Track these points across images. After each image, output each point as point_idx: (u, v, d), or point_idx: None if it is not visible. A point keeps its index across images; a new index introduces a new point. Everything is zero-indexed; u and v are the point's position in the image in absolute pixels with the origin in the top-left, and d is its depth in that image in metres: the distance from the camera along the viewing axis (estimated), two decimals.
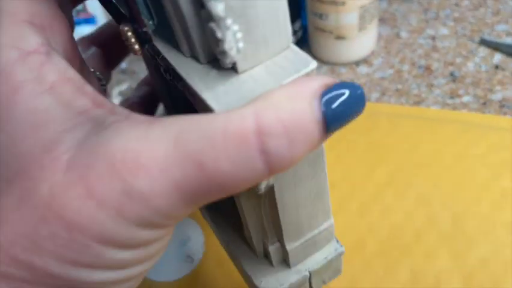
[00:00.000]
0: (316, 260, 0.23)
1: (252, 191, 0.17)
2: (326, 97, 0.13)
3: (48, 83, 0.15)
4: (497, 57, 0.45)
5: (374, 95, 0.43)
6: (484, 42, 0.47)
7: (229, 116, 0.13)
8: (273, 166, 0.13)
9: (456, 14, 0.51)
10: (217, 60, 0.15)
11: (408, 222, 0.31)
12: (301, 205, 0.20)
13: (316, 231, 0.22)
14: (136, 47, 0.17)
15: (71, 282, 0.14)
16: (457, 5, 0.52)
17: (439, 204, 0.32)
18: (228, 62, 0.14)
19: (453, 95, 0.42)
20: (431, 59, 0.46)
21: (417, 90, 0.43)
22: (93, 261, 0.14)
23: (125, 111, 0.15)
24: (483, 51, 0.46)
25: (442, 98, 0.42)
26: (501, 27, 0.48)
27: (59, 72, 0.15)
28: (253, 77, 0.15)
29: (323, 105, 0.13)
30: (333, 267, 0.24)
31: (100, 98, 0.16)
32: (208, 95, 0.15)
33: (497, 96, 0.41)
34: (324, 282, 0.24)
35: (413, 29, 0.50)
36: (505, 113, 0.39)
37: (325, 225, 0.22)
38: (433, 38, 0.49)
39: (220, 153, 0.13)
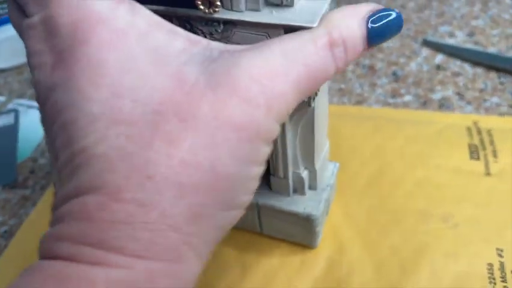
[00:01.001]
0: (328, 176, 0.30)
1: (295, 120, 0.24)
2: (372, 18, 0.19)
3: (145, 29, 0.17)
4: (439, 58, 0.45)
5: None
6: (427, 43, 0.47)
7: (313, 34, 0.18)
8: (338, 66, 0.18)
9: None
10: (269, 6, 0.21)
11: (325, 217, 0.31)
12: (321, 126, 0.27)
13: (325, 150, 0.29)
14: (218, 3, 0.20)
15: (242, 181, 0.17)
16: (402, 6, 0.53)
17: (355, 201, 0.32)
18: (288, 0, 0.20)
19: (395, 94, 0.42)
20: (375, 59, 0.46)
21: (360, 89, 0.43)
22: (256, 156, 0.17)
23: (221, 45, 0.18)
24: (426, 51, 0.46)
25: (384, 97, 0.42)
26: (444, 29, 0.49)
27: (148, 19, 0.17)
28: (301, 5, 0.21)
29: (369, 24, 0.19)
30: (335, 185, 0.31)
31: (193, 36, 0.18)
32: (291, 19, 0.20)
33: (437, 95, 0.41)
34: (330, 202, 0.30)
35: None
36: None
37: (327, 144, 0.29)
38: None
39: (315, 56, 0.18)
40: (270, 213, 0.29)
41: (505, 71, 0.42)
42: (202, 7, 0.20)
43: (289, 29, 0.20)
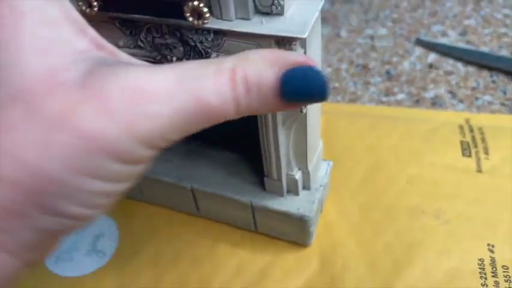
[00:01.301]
0: (321, 176, 0.30)
1: (287, 124, 0.24)
2: (291, 73, 0.17)
3: (52, 18, 0.16)
4: (432, 57, 0.46)
5: None
6: (419, 42, 0.47)
7: (218, 68, 0.17)
8: (239, 109, 0.17)
9: (395, 15, 0.52)
10: (258, 15, 0.20)
11: (319, 215, 0.32)
12: (314, 129, 0.27)
13: (318, 151, 0.29)
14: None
15: (71, 190, 0.15)
16: (396, 6, 0.53)
17: (349, 198, 0.32)
18: (278, 9, 0.20)
19: (388, 92, 0.42)
20: (369, 58, 0.47)
21: (354, 88, 0.43)
22: (98, 171, 0.16)
23: (126, 56, 0.18)
24: (418, 50, 0.47)
25: (377, 96, 0.42)
26: (437, 28, 0.49)
27: (63, 11, 0.17)
28: (291, 13, 0.20)
29: (284, 77, 0.17)
30: (328, 183, 0.31)
31: (101, 41, 0.18)
32: (281, 29, 0.20)
33: (429, 94, 0.42)
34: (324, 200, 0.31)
35: (353, 29, 0.51)
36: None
37: (320, 145, 0.30)
38: (372, 37, 0.49)
39: (212, 92, 0.16)
40: (264, 213, 0.29)
41: (497, 69, 0.43)
42: (191, 19, 0.20)
43: (279, 39, 0.20)
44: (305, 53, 0.22)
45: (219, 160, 0.32)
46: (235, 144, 0.32)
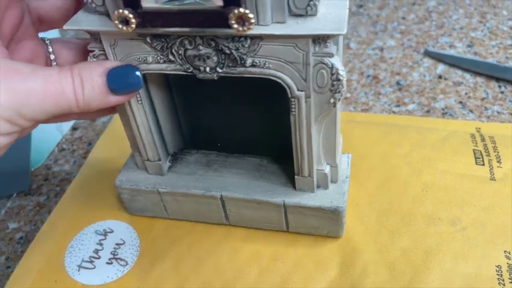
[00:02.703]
0: (344, 168, 0.31)
1: (319, 120, 0.26)
2: (113, 71, 0.24)
3: None
4: (441, 68, 0.47)
5: None
6: (428, 54, 0.49)
7: (60, 67, 0.24)
8: (77, 95, 0.23)
9: (402, 27, 0.53)
10: (292, 17, 0.22)
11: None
12: (339, 123, 0.28)
13: (341, 144, 0.31)
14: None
15: None
16: (403, 18, 0.54)
17: (365, 205, 0.33)
18: (313, 10, 0.21)
19: (399, 103, 0.43)
20: (379, 68, 0.48)
21: (366, 98, 0.44)
22: None
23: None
24: (427, 61, 0.48)
25: (389, 106, 0.43)
26: (444, 40, 0.50)
27: None
28: (322, 12, 0.22)
29: (109, 78, 0.24)
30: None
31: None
32: (319, 28, 0.21)
33: (440, 104, 0.43)
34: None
35: (362, 40, 0.52)
36: None
37: (341, 139, 0.32)
38: (381, 49, 0.50)
39: (56, 76, 0.23)
40: (297, 211, 0.30)
41: (505, 80, 0.44)
42: (235, 26, 0.21)
43: (316, 38, 0.21)
44: (337, 49, 0.23)
45: (241, 166, 0.32)
46: (253, 150, 0.33)
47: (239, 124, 0.32)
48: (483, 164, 0.34)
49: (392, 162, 0.36)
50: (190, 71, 0.25)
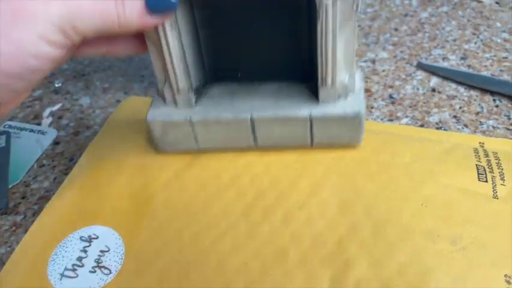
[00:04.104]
0: (359, 79, 0.34)
1: (341, 28, 0.29)
2: None
3: None
4: (434, 81, 0.46)
5: None
6: (421, 66, 0.48)
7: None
8: (119, 11, 0.26)
9: (395, 38, 0.52)
10: None
11: (331, 230, 0.31)
12: (356, 30, 0.31)
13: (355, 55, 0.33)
14: None
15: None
16: (396, 29, 0.53)
17: (362, 213, 0.31)
18: None
19: (392, 117, 0.42)
20: (372, 81, 0.46)
21: None
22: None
23: None
24: (420, 74, 0.47)
25: (382, 120, 0.42)
26: (437, 52, 0.49)
27: None
28: None
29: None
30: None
31: None
32: None
33: (434, 118, 0.41)
34: None
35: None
36: None
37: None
38: (373, 61, 0.49)
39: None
40: (322, 122, 0.33)
41: (499, 94, 0.43)
42: None
43: None
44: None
45: (264, 91, 0.35)
46: (272, 77, 0.35)
47: (259, 48, 0.34)
48: (486, 181, 0.33)
49: (392, 172, 0.34)
50: None
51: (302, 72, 0.35)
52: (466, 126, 0.40)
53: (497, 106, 0.42)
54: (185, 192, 0.34)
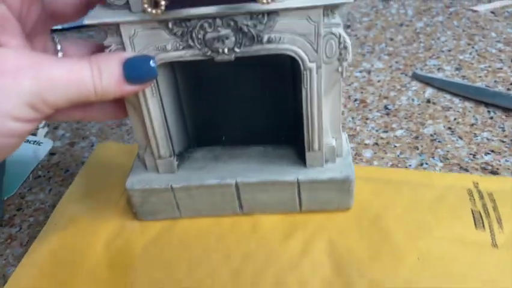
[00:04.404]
0: (345, 143, 0.33)
1: (326, 93, 0.29)
2: (129, 61, 0.26)
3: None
4: (429, 92, 0.46)
5: None
6: (416, 77, 0.48)
7: (79, 58, 0.25)
8: (95, 82, 0.25)
9: (390, 48, 0.52)
10: None
11: None
12: (342, 95, 0.31)
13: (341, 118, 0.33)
14: None
15: None
16: (391, 39, 0.54)
17: (357, 274, 0.30)
18: None
19: (387, 128, 0.42)
20: (367, 92, 0.47)
21: (353, 123, 0.43)
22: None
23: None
24: (416, 85, 0.47)
25: (377, 132, 0.42)
26: (433, 62, 0.50)
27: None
28: None
29: (125, 68, 0.25)
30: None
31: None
32: None
33: (428, 129, 0.42)
34: None
35: (349, 62, 0.51)
36: (436, 147, 0.40)
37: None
38: (369, 71, 0.49)
39: (77, 65, 0.25)
40: (310, 187, 0.32)
41: (494, 105, 0.43)
42: (264, 0, 0.24)
43: (328, 8, 0.25)
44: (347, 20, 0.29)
45: (249, 155, 0.34)
46: (256, 141, 0.35)
47: (243, 112, 0.33)
48: (483, 228, 0.32)
49: (384, 227, 0.33)
50: (208, 54, 0.27)
51: (288, 135, 0.34)
52: (460, 138, 0.40)
53: (491, 118, 0.42)
54: (168, 254, 0.32)
